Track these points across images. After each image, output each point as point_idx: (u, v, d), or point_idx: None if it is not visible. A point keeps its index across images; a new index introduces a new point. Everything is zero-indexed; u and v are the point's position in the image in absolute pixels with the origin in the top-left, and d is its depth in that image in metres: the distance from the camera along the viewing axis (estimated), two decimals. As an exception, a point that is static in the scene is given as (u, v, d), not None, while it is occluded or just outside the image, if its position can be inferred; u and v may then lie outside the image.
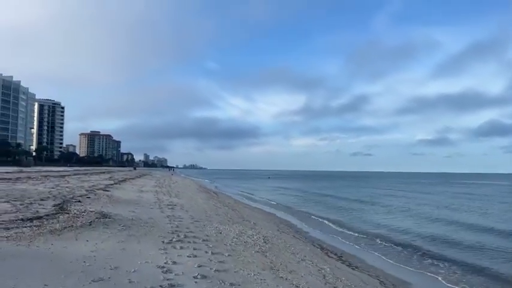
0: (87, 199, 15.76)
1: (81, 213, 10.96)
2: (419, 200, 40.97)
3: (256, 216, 19.03)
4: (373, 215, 25.44)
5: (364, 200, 39.15)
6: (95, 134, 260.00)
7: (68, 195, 16.60)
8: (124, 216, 11.57)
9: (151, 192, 24.92)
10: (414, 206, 33.34)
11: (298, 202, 34.14)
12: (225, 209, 19.96)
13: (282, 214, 24.12)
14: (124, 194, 20.92)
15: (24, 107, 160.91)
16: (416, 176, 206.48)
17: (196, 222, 12.82)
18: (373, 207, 31.62)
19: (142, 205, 16.16)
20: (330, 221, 21.92)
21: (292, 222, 20.13)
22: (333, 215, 24.67)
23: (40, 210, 11.05)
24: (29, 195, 15.11)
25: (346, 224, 20.52)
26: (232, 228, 12.47)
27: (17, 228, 8.33)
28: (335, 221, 21.57)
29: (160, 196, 22.18)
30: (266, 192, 51.11)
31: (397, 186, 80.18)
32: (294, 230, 16.05)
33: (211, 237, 10.23)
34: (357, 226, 19.90)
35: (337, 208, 29.58)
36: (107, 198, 16.93)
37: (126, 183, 32.96)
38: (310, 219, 22.81)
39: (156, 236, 9.37)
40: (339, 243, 15.01)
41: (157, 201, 18.44)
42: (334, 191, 55.07)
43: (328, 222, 21.44)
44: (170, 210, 15.29)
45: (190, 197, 24.95)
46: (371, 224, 21.22)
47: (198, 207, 18.23)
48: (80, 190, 19.86)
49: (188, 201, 21.10)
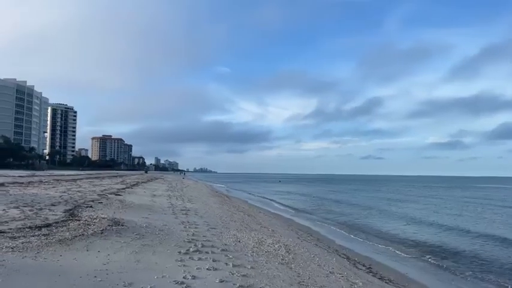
0: (99, 204, 15.24)
1: (92, 220, 10.38)
2: (441, 205, 39.81)
3: (273, 222, 18.31)
4: (391, 220, 24.54)
5: (380, 205, 38.14)
6: (106, 138, 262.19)
7: (79, 200, 16.11)
8: (137, 223, 10.97)
9: (164, 196, 24.38)
10: (435, 211, 32.27)
11: (313, 207, 33.31)
12: (240, 214, 19.29)
13: (298, 219, 23.39)
14: (136, 198, 20.39)
15: (38, 112, 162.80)
16: (428, 180, 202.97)
17: (212, 229, 12.16)
18: (390, 212, 30.64)
19: (156, 210, 15.58)
20: (348, 226, 21.11)
21: (311, 228, 19.38)
22: (351, 221, 23.83)
23: (50, 216, 10.50)
24: (40, 200, 14.64)
25: (366, 231, 19.68)
26: (251, 236, 11.78)
27: (24, 237, 7.76)
28: (353, 227, 20.76)
29: (174, 201, 21.61)
30: (278, 196, 50.35)
31: (412, 190, 78.61)
32: (314, 237, 15.30)
33: (230, 247, 9.55)
34: (376, 232, 19.05)
35: (353, 213, 28.69)
36: (119, 203, 16.39)
37: (138, 187, 32.53)
38: (327, 224, 22.03)
39: (172, 245, 8.73)
40: (363, 251, 14.21)
41: (170, 206, 17.85)
42: (347, 196, 54.05)
43: (347, 228, 20.63)
44: (184, 216, 14.68)
45: (204, 201, 24.34)
46: (391, 230, 20.34)
47: (212, 213, 17.59)
48: (91, 195, 19.40)
49: (202, 206, 20.48)
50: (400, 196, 54.81)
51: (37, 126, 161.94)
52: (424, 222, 24.02)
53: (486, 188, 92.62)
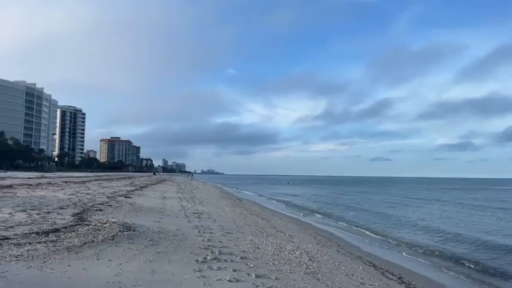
0: (109, 207, 14.69)
1: (102, 224, 9.80)
2: (454, 206, 38.81)
3: (289, 226, 17.64)
4: (409, 224, 23.70)
5: (395, 208, 37.25)
6: (115, 139, 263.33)
7: (89, 203, 15.59)
8: (150, 228, 10.37)
9: (174, 199, 23.83)
10: (451, 214, 31.35)
11: (326, 209, 32.51)
12: (253, 217, 18.64)
13: (313, 223, 22.65)
14: (147, 201, 19.85)
15: (47, 114, 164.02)
16: (439, 182, 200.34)
17: (228, 234, 11.53)
18: (406, 215, 29.76)
19: (167, 214, 14.99)
20: (366, 230, 20.34)
21: (328, 232, 18.65)
22: (367, 224, 23.05)
23: (58, 221, 9.95)
24: (48, 203, 14.13)
25: (385, 235, 18.86)
26: (269, 242, 11.12)
27: (29, 244, 7.19)
28: (371, 231, 19.99)
29: (184, 203, 21.04)
30: (289, 198, 49.61)
31: (425, 192, 77.33)
32: (333, 242, 14.61)
33: (249, 254, 8.90)
34: (396, 237, 18.27)
35: (369, 216, 27.88)
36: (129, 206, 15.84)
37: (147, 189, 32.05)
38: (344, 227, 21.30)
39: (187, 253, 8.10)
40: (388, 257, 13.42)
41: (182, 209, 17.26)
42: (360, 198, 53.13)
43: (365, 232, 19.85)
44: (197, 220, 14.06)
45: (215, 204, 23.73)
46: (411, 234, 19.54)
47: (225, 216, 16.96)
48: (100, 197, 18.89)
49: (214, 208, 19.88)
50: (414, 199, 53.70)
51: (46, 128, 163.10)
52: (444, 228, 23.14)
53: (499, 190, 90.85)
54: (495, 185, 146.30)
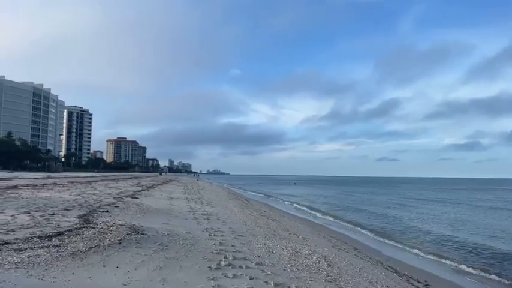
0: (115, 209, 14.21)
1: (109, 227, 9.31)
2: (469, 208, 37.98)
3: (301, 228, 17.06)
4: (425, 225, 23.02)
5: (406, 208, 36.50)
6: (121, 140, 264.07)
7: (95, 203, 15.13)
8: (158, 231, 9.86)
9: (182, 199, 23.34)
10: (465, 215, 30.58)
11: (337, 210, 31.85)
12: (263, 219, 18.09)
13: (325, 224, 22.01)
14: (154, 202, 19.37)
15: (54, 114, 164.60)
16: (446, 182, 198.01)
17: (240, 237, 10.99)
18: (419, 216, 29.05)
19: (176, 215, 14.48)
20: (381, 232, 19.69)
21: (342, 233, 18.03)
22: (381, 225, 22.40)
23: (62, 223, 9.47)
24: (52, 204, 13.68)
25: (402, 237, 18.15)
26: (283, 246, 10.56)
27: (31, 249, 6.69)
28: (386, 233, 19.33)
29: (193, 204, 20.53)
30: (297, 198, 48.97)
31: (437, 193, 76.29)
32: (349, 245, 14.01)
33: (264, 259, 8.36)
34: (413, 238, 17.62)
35: (383, 217, 27.20)
36: (136, 208, 15.36)
37: (154, 189, 31.61)
38: (357, 230, 20.67)
39: (199, 258, 7.57)
40: (410, 262, 12.74)
41: (190, 210, 16.76)
42: (370, 198, 52.38)
43: (380, 234, 19.20)
44: (207, 222, 13.54)
45: (224, 205, 23.21)
46: (429, 235, 18.88)
47: (235, 218, 16.43)
48: (107, 198, 18.45)
49: (223, 210, 19.35)
50: (426, 199, 52.79)
51: (53, 129, 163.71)
52: (463, 229, 22.43)
53: (508, 191, 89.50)
54: (504, 185, 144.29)
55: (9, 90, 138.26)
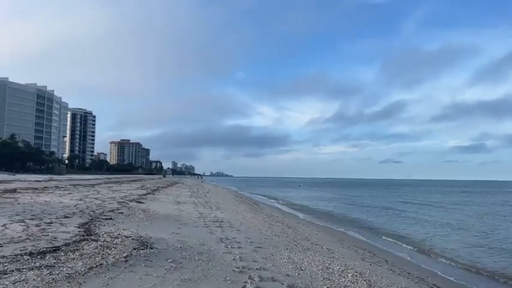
0: (120, 215, 13.02)
1: (113, 239, 8.10)
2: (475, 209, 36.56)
3: (320, 236, 15.77)
4: (445, 231, 21.70)
5: (422, 210, 35.15)
6: (124, 142, 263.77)
7: (97, 210, 13.94)
8: (169, 244, 8.65)
9: (189, 204, 22.13)
10: (490, 220, 29.19)
11: (350, 214, 30.40)
12: (278, 225, 16.85)
13: (344, 231, 20.59)
14: (161, 207, 18.17)
15: (58, 116, 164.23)
16: (451, 184, 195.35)
17: (259, 249, 9.76)
18: (438, 219, 27.69)
19: (185, 222, 13.27)
20: (406, 239, 18.36)
21: (366, 242, 16.66)
22: (401, 231, 21.06)
23: (59, 235, 8.26)
24: (51, 211, 12.50)
25: (433, 246, 16.67)
26: (310, 259, 9.33)
27: (18, 271, 5.48)
28: (411, 240, 17.96)
29: (201, 209, 19.32)
30: (306, 201, 47.65)
31: (447, 196, 74.72)
32: (380, 257, 12.72)
33: (295, 279, 7.12)
34: (444, 248, 16.29)
35: (404, 222, 25.78)
36: (142, 214, 14.16)
37: (159, 192, 30.45)
38: (378, 237, 19.39)
39: (220, 280, 6.35)
40: (455, 277, 11.40)
41: (200, 217, 15.54)
42: (381, 201, 51.00)
43: (406, 241, 17.85)
44: (220, 230, 12.32)
45: (233, 209, 21.97)
46: (461, 243, 17.56)
47: (248, 224, 15.19)
48: (111, 202, 17.26)
49: (234, 215, 18.12)
50: (441, 202, 51.23)
51: (57, 131, 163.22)
52: (492, 234, 21.05)
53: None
54: (509, 187, 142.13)
55: (13, 92, 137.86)
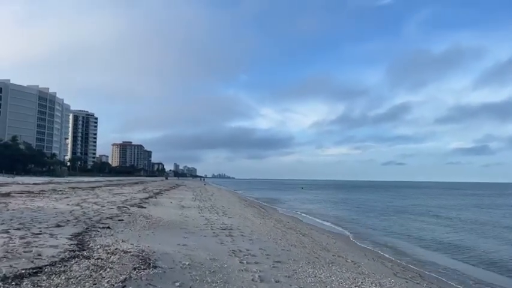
0: (119, 223, 11.74)
1: (109, 256, 6.81)
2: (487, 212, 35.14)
3: (339, 245, 14.41)
4: (476, 238, 20.28)
5: (438, 213, 33.76)
6: (126, 144, 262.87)
7: (94, 216, 12.66)
8: (175, 260, 7.36)
9: (194, 208, 20.84)
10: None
11: (362, 219, 28.91)
12: (291, 233, 15.54)
13: (361, 239, 19.15)
14: (164, 212, 16.89)
15: (60, 118, 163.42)
16: (456, 186, 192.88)
17: (279, 265, 8.48)
18: (458, 224, 26.31)
19: (192, 231, 11.98)
20: (434, 247, 16.98)
21: (390, 251, 15.20)
22: (425, 237, 19.70)
23: (45, 250, 6.97)
24: (42, 218, 11.23)
25: (462, 257, 15.32)
26: (338, 278, 8.03)
27: (-18, 306, 4.20)
28: (444, 249, 16.52)
29: (207, 214, 18.03)
30: (312, 205, 46.26)
31: (459, 199, 73.14)
32: (412, 272, 11.38)
33: (330, 306, 5.81)
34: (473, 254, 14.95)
35: (420, 227, 24.42)
36: (144, 221, 12.88)
37: (162, 196, 29.18)
38: (393, 246, 18.04)
39: (242, 311, 5.07)
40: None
41: (207, 223, 14.25)
42: (388, 203, 49.61)
43: (431, 249, 16.48)
44: (230, 240, 11.03)
45: (241, 214, 20.66)
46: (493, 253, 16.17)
47: (260, 232, 13.89)
48: (110, 208, 15.98)
49: (242, 221, 16.81)
50: (455, 205, 49.76)
51: (59, 133, 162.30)
52: None
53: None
54: None
55: (15, 94, 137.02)
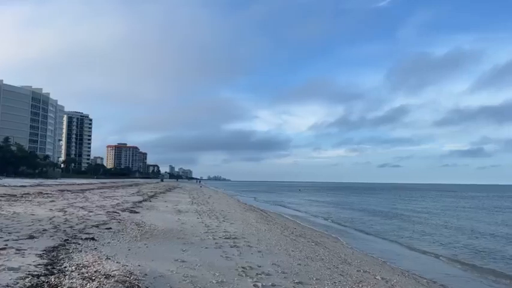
0: (106, 232, 10.06)
1: (84, 283, 5.13)
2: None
3: (361, 258, 12.74)
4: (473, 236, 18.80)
5: (452, 218, 32.27)
6: (121, 146, 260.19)
7: (78, 224, 10.96)
8: (173, 285, 5.71)
9: (191, 213, 19.14)
10: None
11: (370, 224, 27.12)
12: (302, 242, 13.88)
13: (380, 248, 17.47)
14: (159, 217, 15.20)
15: (53, 119, 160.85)
16: (452, 188, 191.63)
17: (301, 286, 6.85)
18: (479, 227, 24.78)
19: (191, 241, 10.32)
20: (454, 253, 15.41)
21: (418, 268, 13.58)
22: (447, 246, 18.10)
23: (2, 276, 5.27)
24: (15, 228, 9.52)
25: None
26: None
27: None
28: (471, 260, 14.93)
29: (206, 220, 16.35)
30: (311, 207, 44.58)
31: (463, 201, 71.89)
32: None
33: None
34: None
35: (432, 235, 22.93)
36: (136, 229, 11.19)
37: (157, 199, 27.44)
38: (411, 252, 16.48)
39: None
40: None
41: (207, 231, 12.58)
42: (390, 207, 48.08)
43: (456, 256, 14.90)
44: (237, 252, 9.38)
45: (242, 219, 18.97)
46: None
47: (268, 241, 12.22)
48: (98, 213, 14.27)
49: (246, 227, 15.14)
50: (463, 207, 48.37)
51: (52, 134, 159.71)
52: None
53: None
54: (509, 191, 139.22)
55: (7, 94, 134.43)
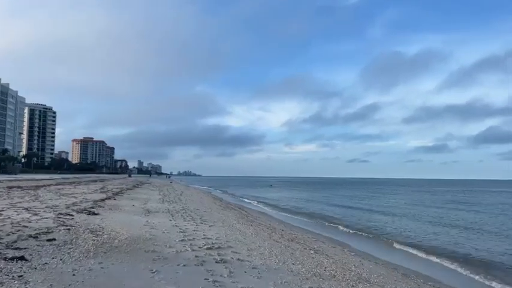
0: (47, 246, 7.37)
1: None
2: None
3: (369, 266, 10.55)
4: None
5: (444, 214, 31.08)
6: (88, 140, 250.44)
7: (10, 234, 8.18)
8: None
9: (163, 213, 16.48)
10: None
11: (355, 222, 25.30)
12: (298, 248, 11.60)
13: (377, 250, 15.60)
14: (123, 221, 12.50)
15: (13, 111, 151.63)
16: (419, 183, 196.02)
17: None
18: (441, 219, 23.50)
19: (164, 254, 7.79)
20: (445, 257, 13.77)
21: (421, 273, 11.63)
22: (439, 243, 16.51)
23: None
24: None
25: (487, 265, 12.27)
26: None
27: None
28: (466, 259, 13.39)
29: (181, 222, 13.79)
30: (290, 203, 42.66)
31: (435, 196, 72.06)
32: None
33: None
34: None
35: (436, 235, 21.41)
36: (90, 239, 8.54)
37: (122, 196, 24.49)
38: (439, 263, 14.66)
39: None
40: None
41: (184, 239, 10.07)
42: (369, 202, 46.90)
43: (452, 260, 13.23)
44: (225, 271, 6.97)
45: (223, 220, 16.48)
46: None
47: (259, 251, 9.86)
48: (44, 217, 11.42)
49: (229, 231, 12.69)
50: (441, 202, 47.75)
51: (12, 127, 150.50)
52: None
53: (492, 193, 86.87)
54: (471, 186, 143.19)
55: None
